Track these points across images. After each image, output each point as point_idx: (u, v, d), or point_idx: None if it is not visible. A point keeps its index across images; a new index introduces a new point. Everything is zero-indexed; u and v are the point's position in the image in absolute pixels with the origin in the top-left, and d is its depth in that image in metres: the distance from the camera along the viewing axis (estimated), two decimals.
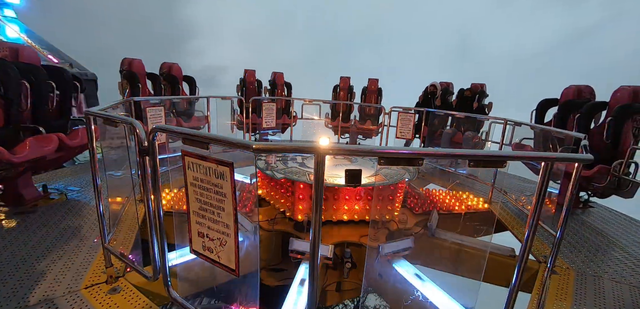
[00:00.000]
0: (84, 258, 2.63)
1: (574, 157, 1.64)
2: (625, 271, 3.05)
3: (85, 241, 2.89)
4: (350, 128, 8.42)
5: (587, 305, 2.53)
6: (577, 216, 4.30)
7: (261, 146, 1.21)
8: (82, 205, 3.65)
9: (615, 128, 3.94)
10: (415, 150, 1.25)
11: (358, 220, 3.74)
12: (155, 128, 1.53)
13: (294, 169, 4.16)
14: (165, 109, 4.11)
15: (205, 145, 1.36)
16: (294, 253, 3.07)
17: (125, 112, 4.25)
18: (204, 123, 6.29)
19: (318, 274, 1.35)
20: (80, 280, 2.36)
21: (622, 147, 3.95)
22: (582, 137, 3.29)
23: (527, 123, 4.51)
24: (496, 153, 1.59)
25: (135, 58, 5.94)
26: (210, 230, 1.53)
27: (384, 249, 2.99)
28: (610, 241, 3.65)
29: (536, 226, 1.61)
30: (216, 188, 1.40)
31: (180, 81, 6.68)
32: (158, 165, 1.63)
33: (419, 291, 2.63)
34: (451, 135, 6.60)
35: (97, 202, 2.26)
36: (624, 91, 4.09)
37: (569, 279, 2.83)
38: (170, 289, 1.84)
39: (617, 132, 3.95)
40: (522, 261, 1.68)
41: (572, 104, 4.60)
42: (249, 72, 8.62)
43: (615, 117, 3.94)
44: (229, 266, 1.53)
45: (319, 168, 1.23)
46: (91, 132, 2.13)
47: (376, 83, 8.70)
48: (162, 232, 1.74)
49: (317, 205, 1.24)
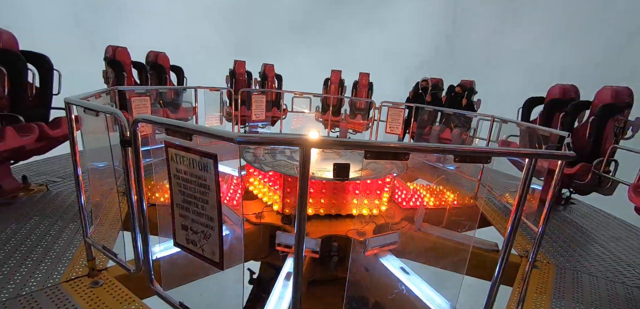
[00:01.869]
0: (65, 251, 2.57)
1: (557, 154, 1.67)
2: (602, 266, 3.15)
3: (67, 233, 2.82)
4: (341, 122, 8.43)
5: (566, 299, 2.61)
6: (559, 212, 4.42)
7: (244, 138, 1.19)
8: (63, 197, 3.55)
9: (597, 127, 4.04)
10: (401, 144, 1.25)
11: (345, 214, 3.75)
12: (137, 119, 1.49)
13: (282, 162, 4.14)
14: (151, 99, 4.03)
15: (188, 136, 1.33)
16: (281, 246, 3.06)
17: (110, 102, 4.14)
18: (191, 115, 6.19)
19: (302, 268, 1.35)
20: (60, 273, 2.31)
21: (603, 145, 4.07)
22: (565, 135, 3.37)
23: (513, 121, 4.60)
24: (481, 149, 1.60)
25: (119, 46, 5.78)
26: (194, 222, 1.50)
27: (370, 243, 3.01)
28: (589, 237, 3.76)
29: (519, 221, 1.64)
30: (200, 180, 1.38)
31: (167, 71, 6.55)
32: (141, 156, 1.59)
33: (404, 285, 2.66)
34: (440, 131, 6.68)
35: (78, 194, 2.20)
36: (607, 91, 4.20)
37: (549, 274, 2.91)
38: (154, 283, 1.82)
39: (600, 130, 4.06)
40: (505, 256, 1.71)
41: (558, 103, 4.70)
42: (238, 63, 8.51)
43: (597, 116, 4.04)
44: (212, 259, 1.51)
45: (305, 161, 1.22)
46: (71, 122, 2.06)
47: (367, 78, 8.71)
48: (145, 224, 1.70)
49: (302, 198, 1.23)
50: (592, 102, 4.41)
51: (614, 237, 3.82)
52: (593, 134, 4.05)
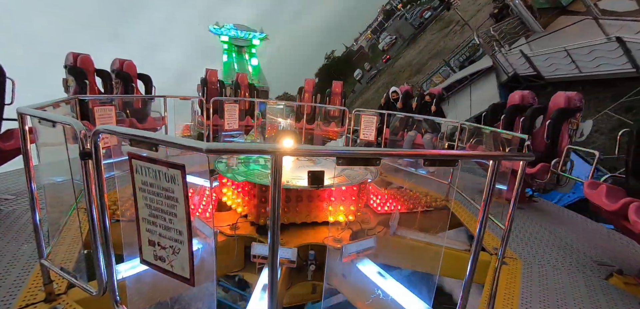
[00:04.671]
0: (19, 276, 2.35)
1: (518, 156, 1.77)
2: (564, 258, 3.36)
3: (21, 256, 2.59)
4: (315, 130, 8.46)
5: (533, 291, 2.75)
6: (523, 210, 4.66)
7: (213, 147, 1.16)
8: (17, 215, 3.27)
9: (553, 129, 4.34)
10: (372, 150, 1.27)
11: (321, 222, 3.75)
12: (98, 130, 1.40)
13: (255, 171, 4.08)
14: (116, 109, 3.84)
15: (154, 146, 1.27)
16: (256, 258, 2.99)
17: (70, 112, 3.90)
18: (161, 125, 5.96)
19: (277, 278, 1.32)
20: (13, 300, 2.11)
21: (559, 146, 4.36)
22: (525, 138, 3.58)
23: (479, 126, 4.83)
24: (448, 152, 1.66)
25: (82, 53, 5.48)
26: (162, 237, 1.43)
27: (347, 249, 3.02)
28: (551, 232, 3.99)
29: (486, 220, 1.71)
30: (167, 193, 1.32)
31: (134, 79, 6.27)
32: (103, 169, 1.50)
33: (380, 289, 2.69)
34: (413, 137, 6.88)
35: (32, 212, 2.03)
36: (560, 96, 4.52)
37: (517, 269, 3.06)
38: (119, 305, 1.70)
39: (556, 132, 4.36)
40: (475, 254, 1.78)
41: (518, 108, 5.00)
42: (210, 72, 8.34)
43: (553, 119, 4.34)
44: (182, 276, 1.44)
45: (277, 169, 1.20)
46: (25, 133, 1.91)
47: (340, 86, 8.83)
48: (108, 242, 1.60)
49: (274, 207, 1.21)
50: (548, 106, 4.72)
51: (571, 231, 4.09)
52: (550, 136, 4.34)
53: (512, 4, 15.20)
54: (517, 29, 15.41)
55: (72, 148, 2.10)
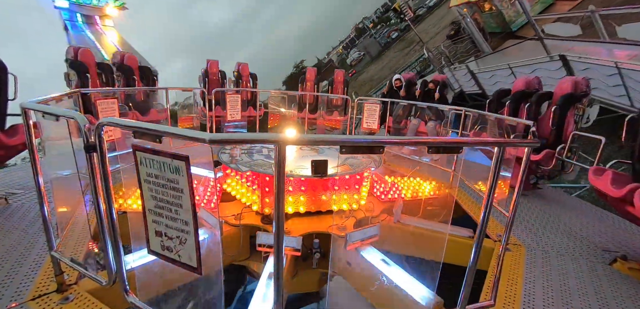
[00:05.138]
0: (31, 267, 2.41)
1: (523, 142, 1.75)
2: (567, 244, 3.35)
3: (32, 248, 2.64)
4: (318, 119, 8.43)
5: (536, 278, 2.75)
6: (527, 197, 4.64)
7: (216, 138, 1.16)
8: (26, 209, 3.32)
9: (559, 115, 4.29)
10: (375, 138, 1.27)
11: (326, 211, 3.77)
12: (101, 122, 1.41)
13: (259, 161, 4.09)
14: (119, 102, 3.85)
15: (158, 138, 1.28)
16: (262, 246, 3.02)
17: (73, 106, 3.92)
18: (164, 117, 5.97)
19: (283, 267, 1.34)
20: (26, 291, 2.16)
21: (565, 132, 4.32)
22: (531, 124, 3.54)
23: (483, 112, 4.78)
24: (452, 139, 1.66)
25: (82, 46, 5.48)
26: (168, 228, 1.45)
27: (351, 237, 3.04)
28: (555, 218, 3.98)
29: (491, 207, 1.71)
30: (172, 184, 1.33)
31: (135, 72, 6.27)
32: (107, 161, 1.51)
33: (385, 276, 2.71)
34: (417, 125, 6.84)
35: (40, 205, 2.06)
36: (567, 82, 4.45)
37: (521, 255, 3.06)
38: (129, 294, 1.74)
39: (562, 118, 4.31)
40: (479, 241, 1.78)
41: (523, 94, 4.93)
42: (211, 63, 8.29)
43: (559, 105, 4.28)
44: (190, 265, 1.47)
45: (281, 159, 1.20)
46: (29, 128, 1.93)
47: (342, 75, 8.76)
48: (115, 233, 1.62)
49: (279, 197, 1.22)
50: (554, 92, 4.66)
51: (576, 217, 4.07)
52: (556, 122, 4.29)
53: (464, 23, 15.04)
54: (469, 49, 15.45)
55: (76, 142, 2.12)
